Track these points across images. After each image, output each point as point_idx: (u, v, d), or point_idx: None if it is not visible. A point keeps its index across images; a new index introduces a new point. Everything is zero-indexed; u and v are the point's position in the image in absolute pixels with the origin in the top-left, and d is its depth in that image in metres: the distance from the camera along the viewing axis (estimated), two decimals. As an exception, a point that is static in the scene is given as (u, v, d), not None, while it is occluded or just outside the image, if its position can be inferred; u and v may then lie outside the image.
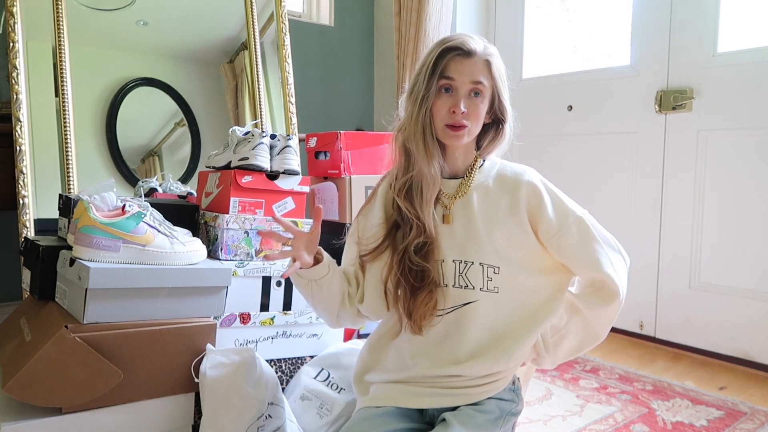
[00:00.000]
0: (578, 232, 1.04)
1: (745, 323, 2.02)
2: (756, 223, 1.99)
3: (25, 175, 1.66)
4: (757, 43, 1.99)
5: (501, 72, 1.05)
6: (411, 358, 1.06)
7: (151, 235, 1.20)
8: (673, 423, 1.56)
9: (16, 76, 1.69)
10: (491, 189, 1.06)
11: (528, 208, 1.04)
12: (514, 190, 1.05)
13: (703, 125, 2.11)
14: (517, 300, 1.05)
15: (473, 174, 1.07)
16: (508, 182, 1.06)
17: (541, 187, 1.06)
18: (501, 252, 1.03)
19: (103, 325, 1.13)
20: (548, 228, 1.04)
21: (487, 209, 1.05)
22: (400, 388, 1.06)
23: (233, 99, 2.17)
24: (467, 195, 1.06)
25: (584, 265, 1.05)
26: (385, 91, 2.99)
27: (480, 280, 1.03)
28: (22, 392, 1.05)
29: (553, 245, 1.05)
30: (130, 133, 1.95)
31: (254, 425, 1.15)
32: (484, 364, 1.03)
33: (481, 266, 1.03)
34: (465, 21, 2.76)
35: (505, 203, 1.05)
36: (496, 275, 1.03)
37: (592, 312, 1.08)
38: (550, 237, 1.04)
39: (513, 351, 1.04)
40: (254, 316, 1.40)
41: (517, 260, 1.04)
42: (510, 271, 1.04)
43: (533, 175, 1.08)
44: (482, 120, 1.05)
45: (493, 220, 1.04)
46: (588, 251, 1.04)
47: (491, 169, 1.09)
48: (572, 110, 2.45)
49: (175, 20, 2.07)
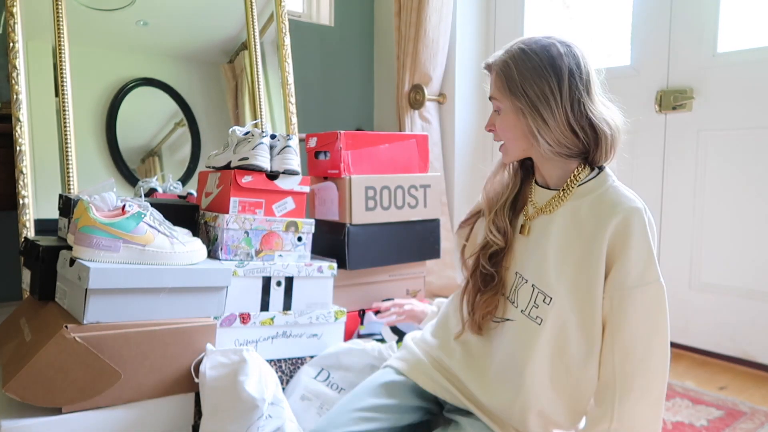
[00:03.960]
0: (649, 302, 0.89)
1: (745, 323, 2.02)
2: (756, 223, 1.99)
3: (25, 175, 1.66)
4: (757, 43, 1.99)
5: (517, 79, 0.93)
6: (454, 347, 1.06)
7: (151, 235, 1.20)
8: (673, 423, 1.56)
9: (16, 76, 1.69)
10: (582, 212, 0.94)
11: (611, 244, 0.89)
12: (605, 219, 0.91)
13: (703, 125, 2.10)
14: (558, 343, 0.93)
15: (569, 191, 0.96)
16: (603, 209, 0.92)
17: (639, 225, 0.90)
18: (562, 283, 0.92)
19: (103, 325, 1.12)
20: (616, 279, 0.89)
21: (566, 233, 0.94)
22: (430, 370, 1.06)
23: (233, 99, 2.17)
24: (554, 212, 0.97)
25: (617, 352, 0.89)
26: (385, 91, 2.99)
27: (525, 302, 0.95)
28: (22, 392, 1.05)
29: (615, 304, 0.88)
30: (130, 133, 1.95)
31: (254, 425, 1.15)
32: (500, 398, 0.97)
33: (533, 288, 0.95)
34: (465, 21, 2.76)
35: (588, 231, 0.92)
36: (545, 305, 0.92)
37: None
38: (618, 288, 0.89)
39: (529, 402, 0.94)
40: (254, 316, 1.40)
41: (577, 300, 0.91)
42: (563, 307, 0.92)
43: (637, 208, 0.91)
44: (517, 136, 0.97)
45: (569, 246, 0.93)
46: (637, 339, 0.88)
47: (594, 190, 0.95)
48: (572, 110, 2.45)
49: (175, 20, 2.06)
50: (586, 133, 0.94)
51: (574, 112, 0.93)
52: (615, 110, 0.98)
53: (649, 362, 0.89)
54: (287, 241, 1.48)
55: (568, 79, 0.92)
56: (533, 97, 0.92)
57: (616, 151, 0.98)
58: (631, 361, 0.89)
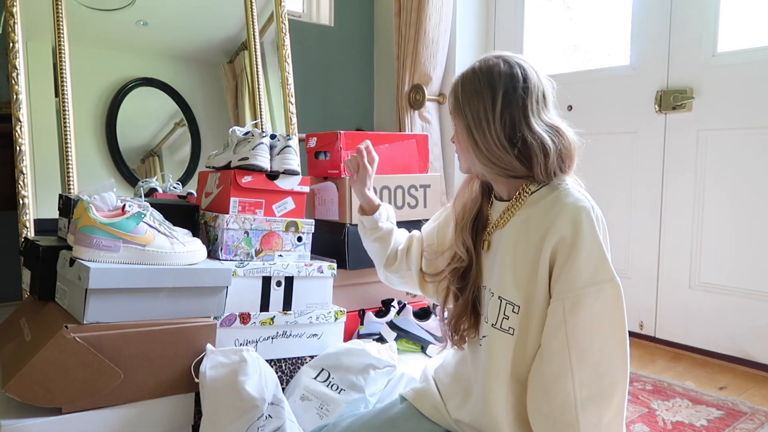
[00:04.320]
0: (603, 302, 0.86)
1: (745, 323, 2.02)
2: (756, 223, 1.99)
3: (25, 175, 1.66)
4: (757, 43, 1.99)
5: (461, 97, 0.96)
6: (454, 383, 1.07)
7: (151, 235, 1.20)
8: (673, 423, 1.56)
9: (16, 76, 1.69)
10: (533, 219, 0.93)
11: (556, 244, 0.88)
12: (550, 219, 0.90)
13: (703, 125, 2.10)
14: (522, 349, 0.93)
15: (520, 201, 0.96)
16: (550, 211, 0.91)
17: (586, 222, 0.87)
18: (521, 290, 0.92)
19: (103, 325, 1.13)
20: (566, 283, 0.87)
21: (518, 241, 0.94)
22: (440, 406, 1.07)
23: (233, 99, 2.17)
24: (507, 224, 0.97)
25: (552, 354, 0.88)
26: (385, 91, 2.99)
27: (495, 315, 0.95)
28: (22, 392, 1.05)
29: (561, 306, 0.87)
30: (130, 133, 1.95)
31: (254, 425, 1.15)
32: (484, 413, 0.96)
33: (500, 300, 0.94)
34: (465, 21, 2.76)
35: (537, 234, 0.91)
36: (514, 314, 0.92)
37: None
38: (570, 290, 0.86)
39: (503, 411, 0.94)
40: (254, 316, 1.40)
41: (535, 303, 0.91)
42: (527, 312, 0.91)
43: (583, 206, 0.89)
44: (468, 151, 0.97)
45: (522, 252, 0.93)
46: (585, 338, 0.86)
47: (546, 195, 0.94)
48: (572, 110, 2.45)
49: (175, 20, 2.06)
50: (521, 152, 0.93)
51: (505, 132, 0.92)
52: (564, 127, 0.97)
53: (607, 365, 0.87)
54: (287, 241, 1.48)
55: (501, 100, 0.92)
56: (470, 117, 0.94)
57: (570, 167, 0.97)
58: (588, 365, 0.86)
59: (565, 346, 0.86)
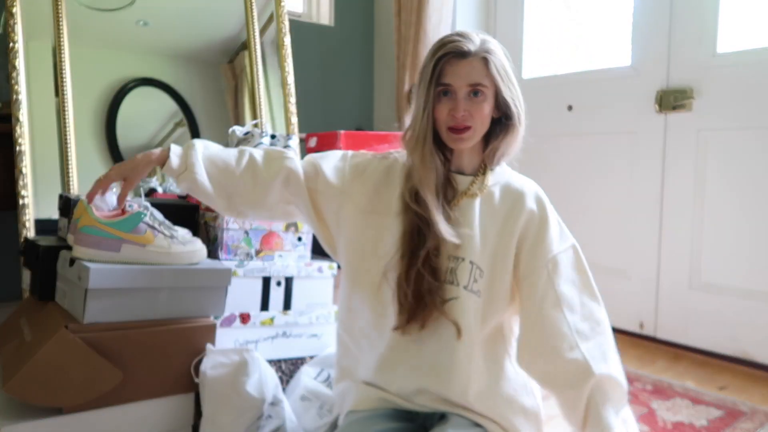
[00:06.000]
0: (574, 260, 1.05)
1: (745, 323, 2.02)
2: (756, 222, 1.99)
3: (25, 175, 1.66)
4: (757, 43, 1.99)
5: (501, 67, 1.01)
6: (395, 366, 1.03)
7: (151, 235, 1.20)
8: (673, 423, 1.56)
9: (16, 76, 1.69)
10: (495, 196, 1.06)
11: (525, 224, 1.04)
12: (518, 203, 1.05)
13: (703, 125, 2.10)
14: (497, 312, 1.04)
15: (487, 175, 1.06)
16: (513, 193, 1.06)
17: (546, 201, 1.07)
18: (491, 257, 1.03)
19: (103, 325, 1.13)
20: (545, 251, 1.03)
21: (485, 214, 1.04)
22: (388, 396, 1.04)
23: (233, 99, 2.17)
24: (475, 196, 1.04)
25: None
26: (385, 91, 2.99)
27: (466, 278, 1.02)
28: (22, 392, 1.05)
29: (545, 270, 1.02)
30: (130, 133, 1.95)
31: (254, 425, 1.15)
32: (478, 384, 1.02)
33: (471, 265, 1.02)
34: (465, 21, 2.76)
35: (503, 211, 1.05)
36: (480, 278, 1.02)
37: None
38: (550, 259, 1.03)
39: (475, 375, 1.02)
40: (254, 316, 1.40)
41: (498, 271, 1.03)
42: (492, 279, 1.03)
43: (539, 188, 1.09)
44: (487, 120, 1.02)
45: (490, 225, 1.04)
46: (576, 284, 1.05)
47: (501, 175, 1.08)
48: (572, 110, 2.45)
49: (175, 20, 2.07)
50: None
51: None
52: None
53: (589, 312, 1.03)
54: (287, 241, 1.48)
55: None
56: (510, 84, 1.03)
57: None
58: (578, 312, 1.01)
59: (557, 301, 1.01)
